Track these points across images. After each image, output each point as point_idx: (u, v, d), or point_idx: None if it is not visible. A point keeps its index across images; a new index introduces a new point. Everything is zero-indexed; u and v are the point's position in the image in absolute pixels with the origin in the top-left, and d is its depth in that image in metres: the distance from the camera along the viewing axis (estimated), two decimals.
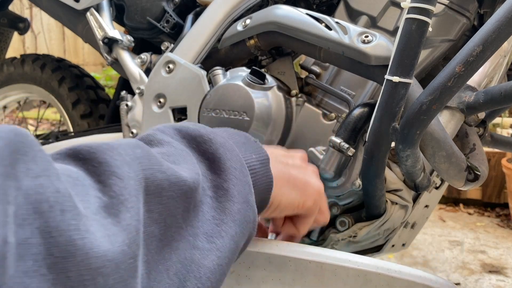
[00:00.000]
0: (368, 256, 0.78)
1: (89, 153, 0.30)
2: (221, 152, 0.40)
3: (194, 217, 0.35)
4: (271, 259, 0.50)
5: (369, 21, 0.78)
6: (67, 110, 1.30)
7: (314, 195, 0.52)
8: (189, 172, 0.36)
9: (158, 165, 0.33)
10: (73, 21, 1.11)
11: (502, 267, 1.66)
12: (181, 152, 0.38)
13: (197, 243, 0.35)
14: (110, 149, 0.31)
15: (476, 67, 0.55)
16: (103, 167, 0.29)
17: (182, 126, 0.42)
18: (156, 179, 0.32)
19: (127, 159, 0.31)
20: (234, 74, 0.80)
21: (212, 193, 0.38)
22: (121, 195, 0.28)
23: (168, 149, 0.38)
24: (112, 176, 0.29)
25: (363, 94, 0.77)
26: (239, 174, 0.40)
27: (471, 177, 0.70)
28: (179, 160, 0.37)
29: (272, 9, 0.76)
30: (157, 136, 0.39)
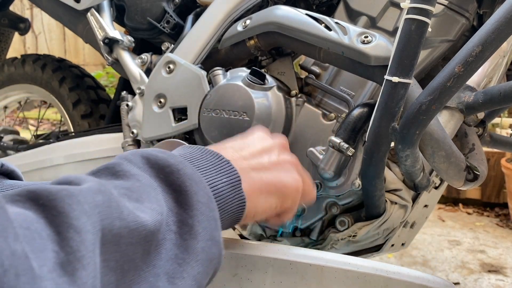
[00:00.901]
0: (367, 257, 0.79)
1: (48, 200, 0.30)
2: (188, 185, 0.39)
3: (155, 256, 0.35)
4: (272, 263, 0.50)
5: (369, 22, 0.78)
6: (68, 110, 1.30)
7: (292, 194, 0.51)
8: (151, 213, 0.35)
9: (118, 212, 0.32)
10: (73, 21, 1.11)
11: (501, 266, 1.67)
12: (146, 187, 0.37)
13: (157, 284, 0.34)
14: (70, 197, 0.30)
15: (475, 68, 0.55)
16: (61, 218, 0.29)
17: (150, 154, 0.41)
18: (114, 228, 0.32)
19: (86, 209, 0.30)
20: (234, 75, 0.80)
21: (176, 228, 0.37)
22: (78, 251, 0.28)
23: (133, 183, 0.37)
24: (70, 229, 0.28)
25: (362, 94, 0.77)
26: (205, 209, 0.39)
27: (471, 177, 0.70)
28: (143, 197, 0.36)
29: (272, 10, 0.77)
30: (123, 166, 0.39)
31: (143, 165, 0.40)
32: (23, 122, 2.55)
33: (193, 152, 0.45)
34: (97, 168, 0.39)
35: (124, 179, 0.37)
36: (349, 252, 0.78)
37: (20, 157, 1.24)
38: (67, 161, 1.12)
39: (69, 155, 1.12)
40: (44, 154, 1.17)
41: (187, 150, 0.45)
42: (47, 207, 0.29)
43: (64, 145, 1.14)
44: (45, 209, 0.29)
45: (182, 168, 0.40)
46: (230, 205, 0.44)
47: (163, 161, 0.40)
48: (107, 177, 0.38)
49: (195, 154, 0.45)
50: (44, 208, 0.29)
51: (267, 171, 0.49)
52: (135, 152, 0.41)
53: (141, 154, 0.41)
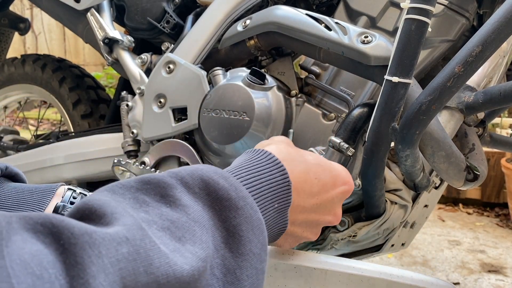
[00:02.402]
0: (367, 257, 0.79)
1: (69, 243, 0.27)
2: (244, 230, 0.36)
3: None
4: (276, 266, 0.50)
5: (369, 22, 0.78)
6: (68, 110, 1.30)
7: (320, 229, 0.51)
8: (191, 258, 0.32)
9: (145, 264, 0.29)
10: (73, 21, 1.11)
11: (501, 266, 1.67)
12: (193, 224, 0.34)
13: None
14: (91, 246, 0.28)
15: (475, 68, 0.55)
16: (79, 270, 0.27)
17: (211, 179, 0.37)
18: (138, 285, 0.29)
19: (107, 264, 0.28)
20: (234, 75, 0.80)
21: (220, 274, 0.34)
22: None
23: (180, 216, 0.34)
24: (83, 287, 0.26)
25: (362, 94, 0.77)
26: (256, 262, 0.36)
27: (471, 177, 0.70)
28: (186, 237, 0.33)
29: (272, 10, 0.77)
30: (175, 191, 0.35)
31: (200, 191, 0.37)
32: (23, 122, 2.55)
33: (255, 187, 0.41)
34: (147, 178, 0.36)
35: (172, 208, 0.34)
36: (349, 252, 0.78)
37: (20, 157, 1.24)
38: (67, 161, 1.12)
39: (69, 155, 1.12)
40: (44, 154, 1.17)
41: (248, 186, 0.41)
42: (66, 250, 0.27)
43: (64, 145, 1.14)
44: (64, 252, 0.27)
45: (242, 207, 0.36)
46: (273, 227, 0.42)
47: (222, 191, 0.37)
48: (155, 198, 0.35)
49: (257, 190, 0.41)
50: (64, 251, 0.27)
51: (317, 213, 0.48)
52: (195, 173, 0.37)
53: (201, 176, 0.37)
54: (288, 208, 0.43)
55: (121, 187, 0.35)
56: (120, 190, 0.34)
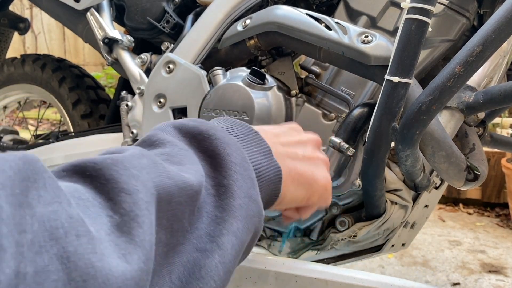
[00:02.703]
0: (367, 257, 0.78)
1: (95, 169, 0.30)
2: (220, 148, 0.39)
3: (198, 219, 0.36)
4: (277, 276, 0.50)
5: (369, 21, 0.78)
6: (68, 110, 1.30)
7: (320, 191, 0.51)
8: (194, 174, 0.36)
9: (165, 172, 0.33)
10: (73, 21, 1.11)
11: (502, 266, 1.67)
12: (184, 152, 0.38)
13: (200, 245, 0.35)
14: (116, 163, 0.30)
15: (475, 67, 0.55)
16: (111, 184, 0.29)
17: (182, 124, 0.42)
18: (165, 186, 0.32)
19: (134, 172, 0.31)
20: (234, 74, 0.80)
21: (214, 191, 0.38)
22: (131, 211, 0.28)
23: (172, 149, 0.38)
24: (121, 193, 0.29)
25: (363, 94, 0.77)
26: (239, 169, 0.40)
27: (471, 177, 0.70)
28: (184, 161, 0.37)
29: (272, 9, 0.77)
30: (159, 135, 0.39)
31: (176, 135, 0.40)
32: (23, 122, 2.55)
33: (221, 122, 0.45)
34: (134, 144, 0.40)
35: (162, 147, 0.38)
36: (349, 253, 0.78)
37: None
38: (67, 161, 1.11)
39: (69, 155, 1.11)
40: (44, 154, 1.17)
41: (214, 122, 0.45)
42: (94, 177, 0.30)
43: (64, 145, 1.14)
44: (93, 180, 0.29)
45: (214, 133, 0.40)
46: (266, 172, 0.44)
47: (194, 129, 0.41)
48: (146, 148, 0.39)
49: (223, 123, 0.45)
50: (92, 179, 0.29)
51: (300, 161, 0.49)
52: (166, 123, 0.42)
53: (172, 124, 0.41)
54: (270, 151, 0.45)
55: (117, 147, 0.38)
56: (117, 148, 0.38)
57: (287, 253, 0.81)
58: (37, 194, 0.24)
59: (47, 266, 0.23)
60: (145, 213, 0.29)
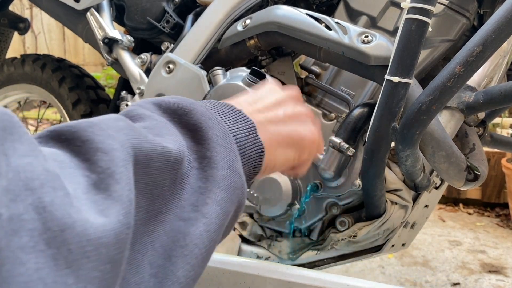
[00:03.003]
0: (367, 257, 0.78)
1: (71, 132, 0.29)
2: (202, 122, 0.39)
3: (180, 189, 0.35)
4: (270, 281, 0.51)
5: (369, 21, 0.78)
6: (68, 110, 1.30)
7: (309, 146, 0.50)
8: (174, 143, 0.35)
9: (143, 136, 0.32)
10: (73, 21, 1.11)
11: (502, 267, 1.67)
12: (164, 125, 0.38)
13: (183, 215, 0.34)
14: (91, 125, 0.30)
15: (476, 67, 0.55)
16: (87, 145, 0.29)
17: (162, 100, 0.41)
18: (143, 148, 0.31)
19: (110, 133, 0.30)
20: (234, 74, 0.80)
21: (197, 164, 0.38)
22: (108, 168, 0.28)
23: (151, 122, 0.37)
24: (97, 152, 0.28)
25: (363, 94, 0.77)
26: (222, 142, 0.40)
27: (471, 177, 0.70)
28: (163, 133, 0.36)
29: (272, 9, 0.77)
30: (137, 111, 0.39)
31: (156, 110, 0.40)
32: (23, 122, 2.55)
33: (202, 102, 0.45)
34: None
35: (141, 121, 0.37)
36: (349, 253, 0.78)
37: None
38: None
39: None
40: None
41: (194, 101, 0.45)
42: (70, 140, 0.29)
43: None
44: (69, 143, 0.29)
45: (194, 108, 0.40)
46: (249, 150, 0.43)
47: (174, 104, 0.40)
48: None
49: (205, 103, 0.44)
50: (68, 143, 0.29)
51: (283, 123, 0.49)
52: (146, 100, 0.41)
53: (151, 101, 0.41)
54: (254, 127, 0.44)
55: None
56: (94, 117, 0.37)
57: (287, 253, 0.81)
58: (12, 145, 0.24)
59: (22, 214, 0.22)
60: (122, 170, 0.29)
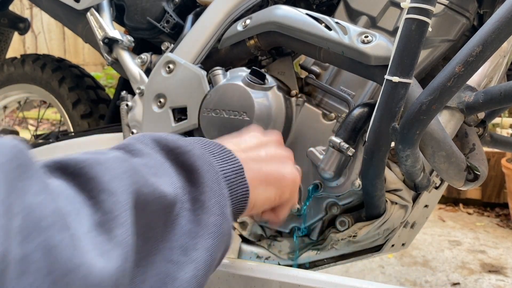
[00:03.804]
0: (367, 257, 0.78)
1: (78, 168, 0.30)
2: (198, 165, 0.40)
3: (171, 230, 0.36)
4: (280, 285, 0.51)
5: (369, 21, 0.78)
6: (68, 110, 1.30)
7: (290, 186, 0.52)
8: (169, 186, 0.36)
9: (143, 180, 0.33)
10: (73, 21, 1.11)
11: (502, 267, 1.67)
12: (160, 164, 0.38)
13: (172, 257, 0.35)
14: (98, 164, 0.31)
15: (475, 67, 0.55)
16: (93, 183, 0.29)
17: (160, 137, 0.42)
18: (143, 193, 0.32)
19: (116, 173, 0.31)
20: (234, 74, 0.80)
21: (189, 205, 0.38)
22: (113, 210, 0.29)
23: (148, 160, 0.38)
24: (103, 192, 0.29)
25: (363, 94, 0.77)
26: (216, 187, 0.40)
27: (471, 177, 0.70)
28: (160, 173, 0.37)
29: (272, 9, 0.77)
30: (136, 146, 0.39)
31: (154, 147, 0.41)
32: (23, 122, 2.55)
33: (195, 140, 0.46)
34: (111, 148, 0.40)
35: (139, 157, 0.38)
36: (349, 253, 0.78)
37: None
38: None
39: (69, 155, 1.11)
40: (44, 154, 1.17)
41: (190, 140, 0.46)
42: (77, 175, 0.30)
43: (64, 145, 1.14)
44: (75, 177, 0.30)
45: (192, 149, 0.41)
46: (237, 191, 0.44)
47: (172, 143, 0.41)
48: None
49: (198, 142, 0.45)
50: (74, 176, 0.30)
51: (265, 162, 0.50)
52: (144, 135, 0.42)
53: (150, 136, 0.42)
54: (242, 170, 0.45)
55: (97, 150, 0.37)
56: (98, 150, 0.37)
57: (287, 253, 0.81)
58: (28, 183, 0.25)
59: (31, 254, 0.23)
60: (125, 214, 0.29)
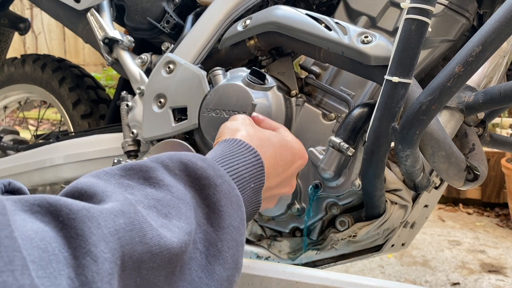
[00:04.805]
0: (367, 257, 0.78)
1: (69, 218, 0.28)
2: (223, 205, 0.38)
3: (179, 277, 0.34)
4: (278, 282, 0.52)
5: (369, 22, 0.78)
6: (68, 110, 1.30)
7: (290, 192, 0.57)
8: (178, 232, 0.34)
9: (140, 235, 0.31)
10: (73, 21, 1.11)
11: (502, 266, 1.67)
12: (177, 201, 0.36)
13: None
14: (90, 219, 0.29)
15: (475, 68, 0.55)
16: (80, 241, 0.28)
17: (190, 161, 0.39)
18: (135, 253, 0.31)
19: (106, 233, 0.29)
20: (234, 75, 0.80)
21: (203, 248, 0.36)
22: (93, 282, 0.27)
23: (165, 195, 0.36)
24: (87, 256, 0.28)
25: (362, 94, 0.77)
26: (236, 235, 0.38)
27: (471, 177, 0.70)
28: (172, 213, 0.35)
29: (272, 10, 0.77)
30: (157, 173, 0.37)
31: (180, 172, 0.38)
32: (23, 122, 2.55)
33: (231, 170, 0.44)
34: (130, 165, 0.38)
35: (156, 188, 0.36)
36: (349, 252, 0.78)
37: (20, 157, 1.24)
38: (67, 161, 1.12)
39: (69, 155, 1.12)
40: (44, 154, 1.17)
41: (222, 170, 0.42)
42: (66, 226, 0.28)
43: (64, 145, 1.14)
44: (64, 228, 0.28)
45: (220, 184, 0.38)
46: (249, 206, 0.45)
47: (201, 171, 0.39)
48: (139, 181, 0.37)
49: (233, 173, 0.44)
50: (64, 227, 0.28)
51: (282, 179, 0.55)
52: (174, 157, 0.40)
53: (179, 159, 0.39)
54: (262, 189, 0.46)
55: (105, 174, 0.36)
56: (105, 177, 0.36)
57: (287, 253, 0.81)
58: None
59: None
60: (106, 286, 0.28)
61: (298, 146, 0.60)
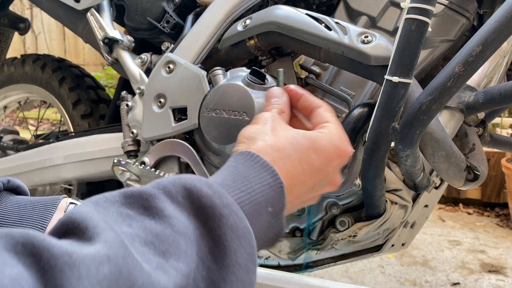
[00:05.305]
0: (367, 257, 0.78)
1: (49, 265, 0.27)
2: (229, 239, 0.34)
3: None
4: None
5: (369, 22, 0.78)
6: (68, 110, 1.30)
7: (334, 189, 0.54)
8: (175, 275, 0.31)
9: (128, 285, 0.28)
10: (73, 21, 1.11)
11: (502, 266, 1.67)
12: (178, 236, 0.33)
13: None
14: (71, 268, 0.27)
15: (475, 67, 0.55)
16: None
17: (195, 187, 0.36)
18: None
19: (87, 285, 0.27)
20: (234, 74, 0.80)
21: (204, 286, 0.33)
22: None
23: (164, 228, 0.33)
24: None
25: (363, 94, 0.77)
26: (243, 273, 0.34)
27: (471, 177, 0.70)
28: (170, 251, 0.32)
29: (272, 10, 0.77)
30: (158, 202, 0.34)
31: (183, 200, 0.35)
32: (23, 122, 2.55)
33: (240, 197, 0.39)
34: (130, 191, 0.35)
35: (155, 220, 0.33)
36: (349, 252, 0.78)
37: (20, 157, 1.24)
38: (67, 161, 1.12)
39: (69, 155, 1.12)
40: (44, 154, 1.17)
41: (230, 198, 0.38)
42: (46, 273, 0.27)
43: (64, 145, 1.14)
44: (44, 275, 0.27)
45: (227, 215, 0.35)
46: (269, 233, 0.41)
47: (206, 199, 0.35)
48: (138, 211, 0.34)
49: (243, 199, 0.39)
50: (43, 274, 0.27)
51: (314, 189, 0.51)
52: (177, 182, 0.36)
53: (183, 185, 0.36)
54: (284, 211, 0.42)
55: (105, 200, 0.34)
56: (104, 204, 0.33)
57: (287, 253, 0.81)
58: None
59: None
60: None
61: (332, 146, 0.52)
